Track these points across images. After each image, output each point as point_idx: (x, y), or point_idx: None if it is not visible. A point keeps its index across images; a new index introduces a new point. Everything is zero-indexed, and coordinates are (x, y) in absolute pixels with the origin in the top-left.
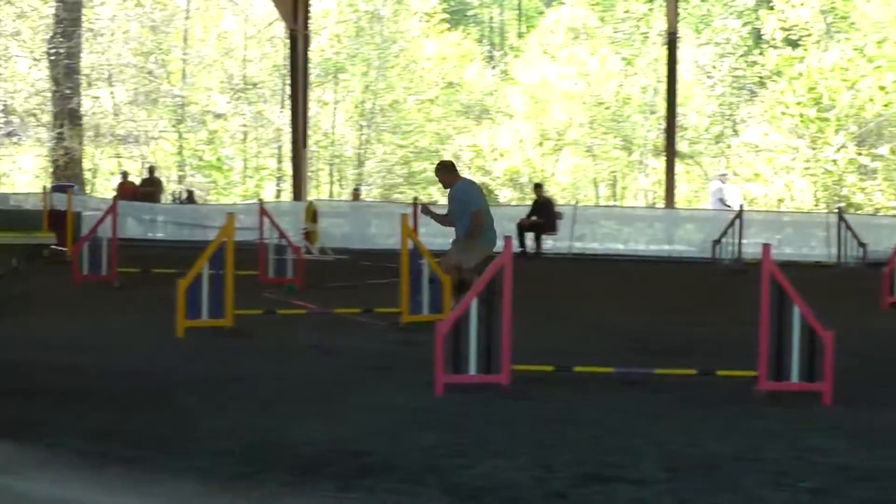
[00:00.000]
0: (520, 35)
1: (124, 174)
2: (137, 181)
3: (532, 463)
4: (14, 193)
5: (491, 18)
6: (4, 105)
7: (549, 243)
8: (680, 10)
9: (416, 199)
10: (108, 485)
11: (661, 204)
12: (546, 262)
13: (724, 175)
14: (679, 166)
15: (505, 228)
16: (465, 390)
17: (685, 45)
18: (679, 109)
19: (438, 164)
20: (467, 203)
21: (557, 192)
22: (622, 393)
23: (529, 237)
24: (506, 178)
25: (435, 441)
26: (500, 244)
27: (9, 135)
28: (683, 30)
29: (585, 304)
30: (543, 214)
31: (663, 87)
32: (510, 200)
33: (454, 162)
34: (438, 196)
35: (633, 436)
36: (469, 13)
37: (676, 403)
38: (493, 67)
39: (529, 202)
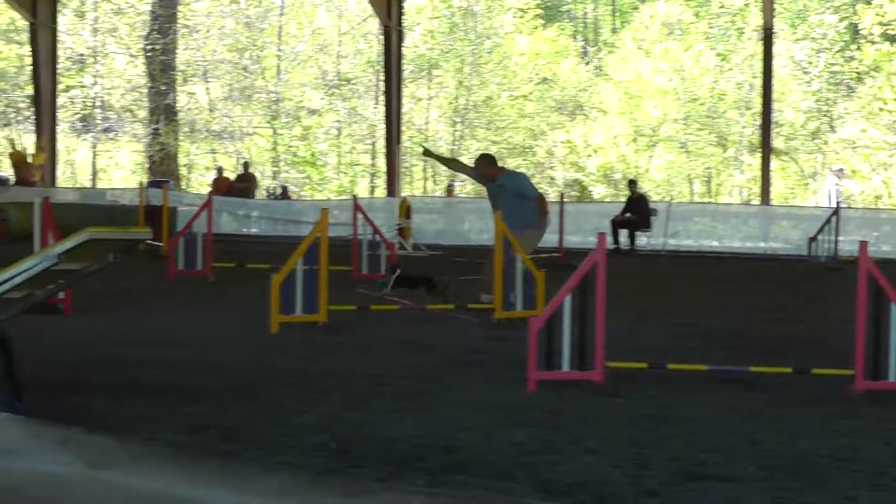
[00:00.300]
0: (614, 31)
1: (219, 170)
2: (232, 177)
3: (625, 460)
4: (111, 189)
5: (585, 14)
6: (101, 101)
7: (643, 240)
8: (776, 5)
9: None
10: (202, 479)
11: (756, 201)
12: (640, 258)
13: (840, 170)
14: (774, 163)
15: (599, 225)
16: (557, 387)
17: (781, 41)
18: (775, 105)
19: (481, 157)
20: (522, 194)
21: (651, 189)
22: (716, 391)
23: (623, 234)
24: (599, 174)
25: (527, 437)
26: (593, 240)
27: (106, 130)
28: (779, 25)
29: (679, 301)
30: (637, 211)
31: (759, 82)
32: (604, 197)
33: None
34: None
35: (727, 434)
36: (563, 9)
37: (771, 402)
38: (587, 63)
39: (623, 198)
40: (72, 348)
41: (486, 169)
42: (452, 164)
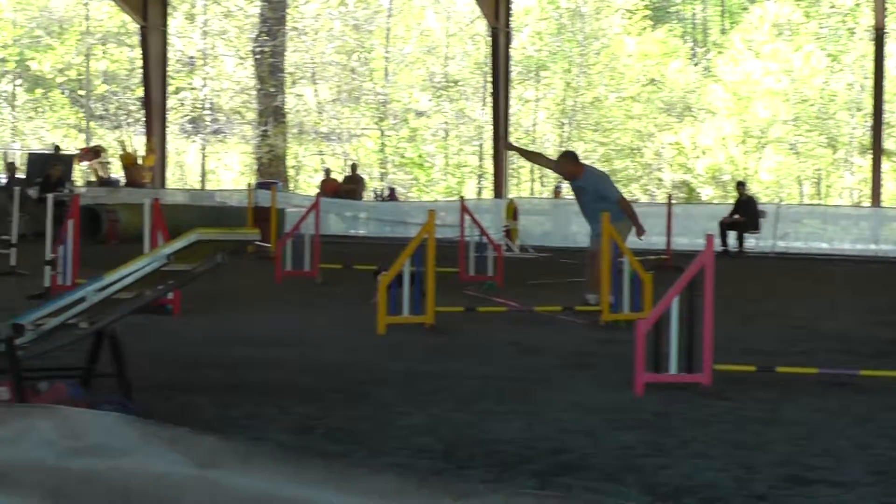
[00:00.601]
0: (723, 31)
1: (327, 171)
2: (340, 178)
3: (732, 463)
4: (219, 190)
5: (693, 15)
6: (211, 103)
7: (752, 242)
8: (888, 5)
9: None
10: (308, 479)
11: (866, 202)
12: (748, 260)
13: None
14: (886, 164)
15: (707, 227)
16: (665, 389)
17: (893, 41)
18: (886, 106)
19: (562, 155)
20: (603, 196)
21: (760, 190)
22: (826, 394)
23: (732, 236)
24: (708, 175)
25: (634, 440)
26: (701, 242)
27: (215, 132)
28: (891, 25)
29: (788, 304)
30: (746, 213)
31: (870, 83)
32: (712, 198)
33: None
34: (640, 194)
35: (836, 438)
36: (672, 10)
37: (882, 406)
38: (696, 64)
39: (732, 200)
40: (181, 349)
41: (567, 167)
42: (535, 157)
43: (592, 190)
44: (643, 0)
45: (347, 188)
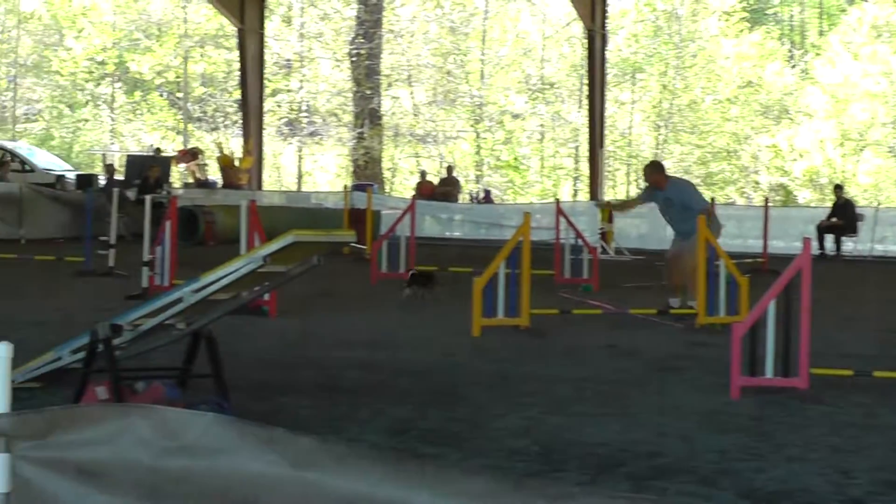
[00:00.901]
0: (821, 33)
1: (423, 173)
2: (435, 181)
3: (829, 468)
4: (315, 192)
5: (791, 17)
6: (307, 105)
7: (849, 245)
8: None
9: (608, 202)
10: (403, 480)
11: None
12: (845, 264)
13: None
14: None
15: (804, 230)
16: (761, 393)
17: None
18: None
19: (648, 165)
20: (689, 207)
21: (858, 194)
22: None
23: (829, 239)
24: (805, 178)
25: (730, 444)
26: (798, 246)
27: (311, 134)
28: None
29: (886, 308)
30: (844, 216)
31: None
32: (809, 202)
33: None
34: (736, 196)
35: None
36: (769, 12)
37: None
38: (793, 66)
39: (829, 203)
40: (277, 350)
41: (653, 177)
42: (632, 203)
43: (679, 202)
44: (740, 2)
45: (443, 190)
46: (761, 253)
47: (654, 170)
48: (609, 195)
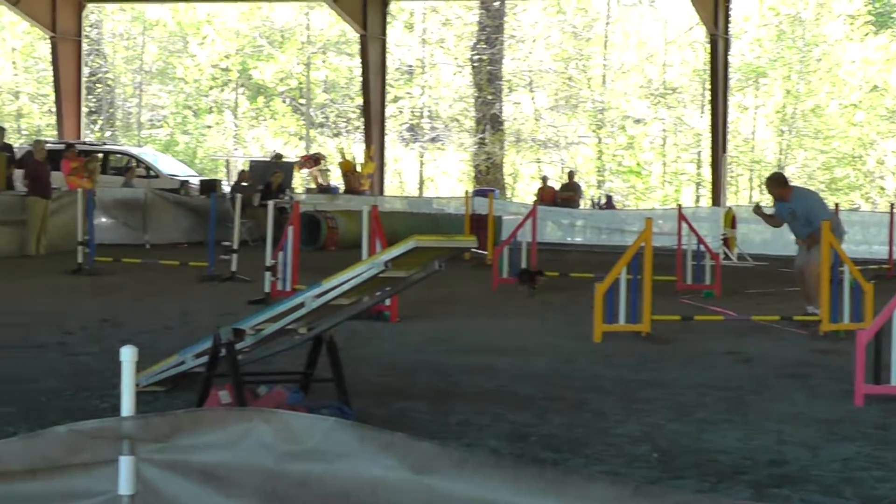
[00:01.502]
0: None
1: (544, 179)
2: (557, 186)
3: None
4: (437, 197)
5: None
6: (429, 111)
7: None
8: None
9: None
10: (523, 486)
11: None
12: None
13: None
14: None
15: None
16: (885, 401)
17: None
18: None
19: (770, 178)
20: (811, 219)
21: None
22: None
23: None
24: None
25: (853, 452)
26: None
27: (433, 140)
28: None
29: None
30: None
31: None
32: None
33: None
34: (861, 202)
35: None
36: (895, 15)
37: None
38: None
39: None
40: (397, 355)
41: (776, 190)
42: (773, 221)
43: (803, 214)
44: (865, 5)
45: (564, 196)
46: (886, 259)
47: (777, 184)
48: (731, 201)
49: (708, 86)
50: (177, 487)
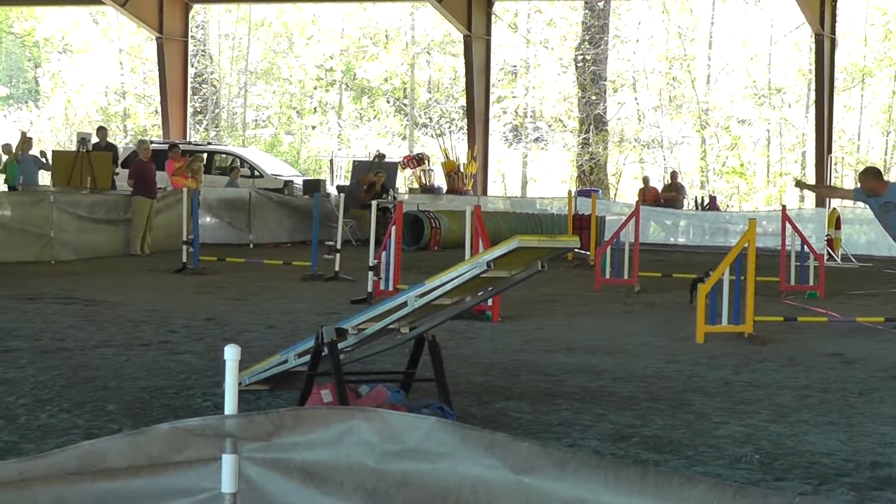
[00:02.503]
0: None
1: (646, 179)
2: (660, 186)
3: None
4: (540, 198)
5: None
6: (533, 111)
7: None
8: None
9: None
10: (624, 487)
11: None
12: None
13: None
14: None
15: None
16: None
17: None
18: None
19: (864, 171)
20: None
21: None
22: None
23: None
24: None
25: None
26: None
27: (536, 140)
28: None
29: None
30: None
31: None
32: None
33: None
34: None
35: None
36: None
37: None
38: None
39: None
40: (499, 354)
41: (870, 184)
42: (827, 190)
43: None
44: None
45: (667, 196)
46: None
47: (872, 176)
48: (836, 202)
49: (813, 86)
50: (278, 486)
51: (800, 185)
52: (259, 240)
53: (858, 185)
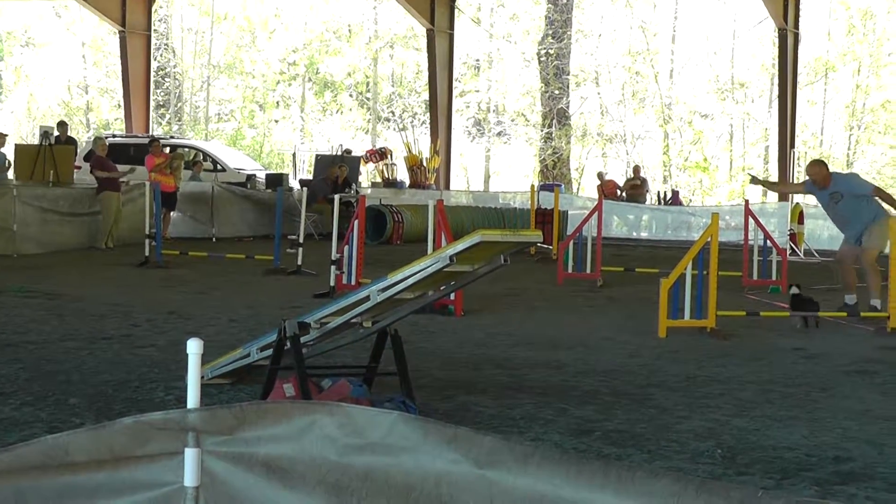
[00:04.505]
0: None
1: (600, 174)
2: (621, 181)
3: None
4: (502, 192)
5: None
6: (495, 105)
7: None
8: None
9: (755, 177)
10: (587, 481)
11: None
12: None
13: None
14: None
15: None
16: None
17: None
18: None
19: (812, 163)
20: (858, 194)
21: None
22: None
23: None
24: None
25: None
26: None
27: (499, 134)
28: None
29: None
30: None
31: None
32: None
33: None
34: None
35: None
36: None
37: None
38: None
39: None
40: (461, 349)
41: (818, 173)
42: (780, 186)
43: (847, 191)
44: None
45: (631, 191)
46: None
47: (820, 165)
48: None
49: (776, 80)
50: (241, 479)
51: (755, 181)
52: (222, 234)
53: (809, 178)
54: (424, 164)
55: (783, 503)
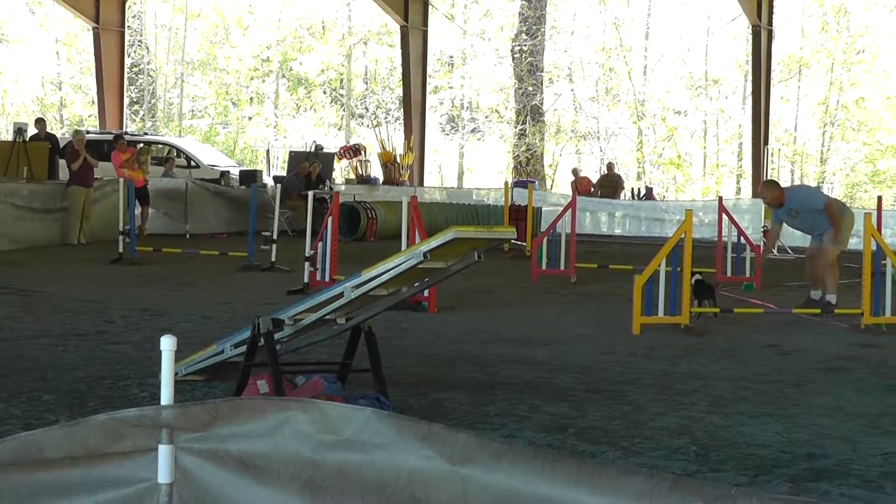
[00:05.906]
0: None
1: (574, 171)
2: (595, 177)
3: None
4: (476, 188)
5: None
6: (470, 102)
7: None
8: None
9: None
10: (561, 478)
11: None
12: None
13: None
14: None
15: None
16: None
17: None
18: None
19: (764, 184)
20: (815, 206)
21: None
22: None
23: None
24: None
25: (895, 446)
26: None
27: (473, 131)
28: None
29: None
30: None
31: None
32: None
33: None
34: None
35: None
36: None
37: None
38: None
39: None
40: (435, 345)
41: (774, 193)
42: (771, 240)
43: (803, 208)
44: None
45: (605, 188)
46: None
47: (771, 188)
48: None
49: (750, 77)
50: (215, 476)
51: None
52: (196, 230)
53: (763, 201)
54: (398, 160)
55: (757, 500)
